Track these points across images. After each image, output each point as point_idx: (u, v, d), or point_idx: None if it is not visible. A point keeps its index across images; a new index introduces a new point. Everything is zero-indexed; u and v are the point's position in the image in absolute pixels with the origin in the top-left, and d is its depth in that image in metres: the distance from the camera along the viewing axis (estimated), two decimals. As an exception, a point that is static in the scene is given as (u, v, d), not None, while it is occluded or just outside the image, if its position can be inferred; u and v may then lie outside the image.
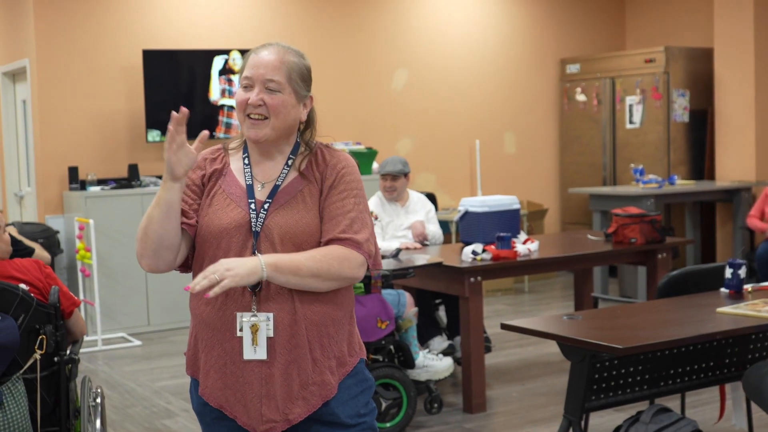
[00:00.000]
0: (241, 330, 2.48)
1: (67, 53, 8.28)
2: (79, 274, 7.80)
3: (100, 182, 8.22)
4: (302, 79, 2.56)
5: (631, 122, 9.75)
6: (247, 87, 2.54)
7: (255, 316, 2.47)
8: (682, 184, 8.95)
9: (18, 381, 3.71)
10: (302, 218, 2.50)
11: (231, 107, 8.58)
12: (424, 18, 9.85)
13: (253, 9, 9.00)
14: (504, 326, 3.87)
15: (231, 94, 8.62)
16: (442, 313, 6.65)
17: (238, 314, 2.48)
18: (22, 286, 3.77)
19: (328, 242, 2.48)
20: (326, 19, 9.32)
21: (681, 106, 9.50)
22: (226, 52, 8.60)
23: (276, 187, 2.54)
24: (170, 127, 2.50)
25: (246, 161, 2.61)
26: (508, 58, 10.38)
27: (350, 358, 2.57)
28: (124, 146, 8.49)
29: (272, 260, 2.40)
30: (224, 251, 2.52)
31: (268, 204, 2.51)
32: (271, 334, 2.47)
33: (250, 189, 2.55)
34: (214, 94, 8.54)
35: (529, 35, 10.49)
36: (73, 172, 8.12)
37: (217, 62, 8.54)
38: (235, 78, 8.63)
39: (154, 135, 8.32)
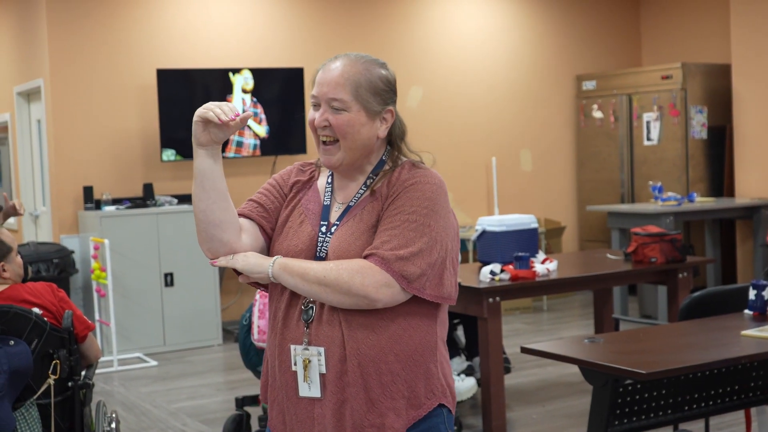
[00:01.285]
0: (295, 364, 2.31)
1: (82, 73, 8.28)
2: (95, 294, 7.76)
3: (115, 202, 8.19)
4: (373, 92, 2.32)
5: (648, 139, 9.67)
6: (315, 106, 2.36)
7: (307, 349, 2.29)
8: (701, 201, 8.86)
9: (32, 406, 3.67)
10: (356, 240, 2.29)
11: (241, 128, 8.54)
12: (439, 35, 9.81)
13: (267, 28, 8.98)
14: (524, 350, 3.80)
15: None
16: (460, 332, 6.58)
17: (292, 347, 2.31)
18: (36, 310, 3.73)
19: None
20: (339, 38, 9.29)
21: (699, 123, 9.41)
22: (239, 71, 8.57)
23: (348, 209, 2.36)
24: (231, 117, 2.31)
25: (329, 179, 2.44)
26: (524, 75, 10.33)
27: (426, 401, 2.28)
28: (139, 165, 8.47)
29: (284, 260, 2.28)
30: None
31: (335, 227, 2.34)
32: (323, 370, 2.27)
33: (326, 209, 2.39)
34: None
35: (545, 52, 10.44)
36: (87, 191, 8.10)
37: (239, 81, 8.52)
38: (246, 97, 8.60)
39: (168, 154, 8.29)
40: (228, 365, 7.64)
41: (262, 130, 8.69)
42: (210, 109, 2.31)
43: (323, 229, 2.35)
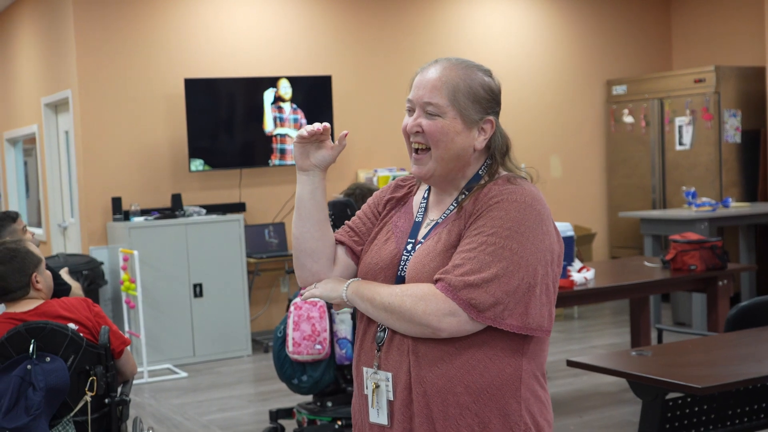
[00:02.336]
0: (366, 388, 2.19)
1: (109, 83, 8.24)
2: (124, 306, 7.72)
3: (144, 212, 8.15)
4: (473, 99, 2.17)
5: (680, 144, 9.54)
6: (410, 110, 2.21)
7: (376, 373, 2.16)
8: (736, 206, 8.72)
9: (69, 424, 3.61)
10: (431, 261, 2.12)
11: (282, 135, 8.51)
12: (468, 41, 9.73)
13: (294, 36, 8.93)
14: (570, 363, 3.70)
15: (282, 122, 8.54)
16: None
17: (364, 369, 2.20)
18: (71, 325, 3.67)
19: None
20: (366, 45, 9.22)
21: (732, 127, 9.28)
22: (269, 79, 8.52)
23: (435, 225, 2.20)
24: (316, 128, 2.20)
25: (425, 195, 2.28)
26: (553, 80, 10.23)
27: None
28: (167, 176, 8.42)
29: (357, 284, 2.17)
30: None
31: (419, 245, 2.18)
32: (391, 397, 2.14)
33: (416, 226, 2.24)
34: (268, 124, 8.48)
35: (574, 57, 10.34)
36: (116, 202, 8.06)
37: (269, 92, 8.47)
38: (285, 105, 8.56)
39: (196, 164, 8.25)
40: (258, 376, 7.57)
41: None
42: (303, 127, 2.22)
43: (408, 247, 2.20)
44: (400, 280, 2.17)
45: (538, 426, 2.13)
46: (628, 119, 10.06)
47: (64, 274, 4.72)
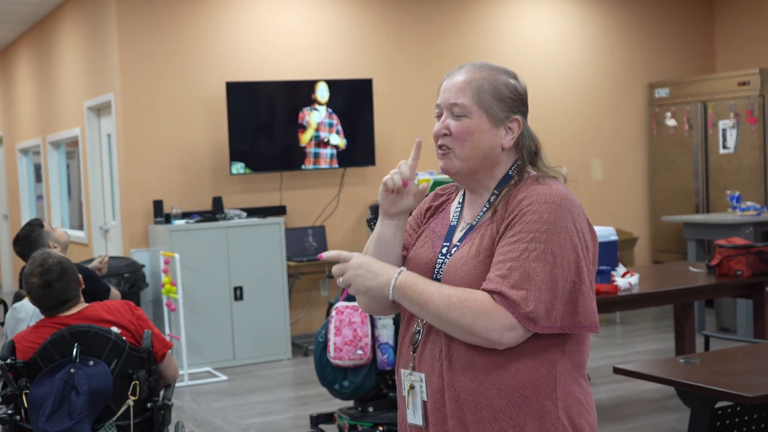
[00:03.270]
0: (404, 389, 2.22)
1: (151, 87, 8.28)
2: (165, 309, 7.74)
3: (185, 215, 8.17)
4: (498, 98, 2.20)
5: (724, 147, 9.42)
6: (438, 116, 2.25)
7: (411, 374, 2.20)
8: (781, 211, 8.59)
9: (111, 428, 3.61)
10: (466, 263, 2.13)
11: (317, 139, 8.51)
12: (509, 43, 9.67)
13: (335, 39, 8.92)
14: (617, 370, 3.65)
15: (317, 126, 8.53)
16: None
17: (402, 371, 2.24)
18: (114, 329, 3.67)
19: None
20: (408, 48, 9.20)
21: (778, 130, 9.15)
22: (309, 83, 8.52)
23: (471, 228, 2.22)
24: (397, 185, 2.23)
25: (461, 200, 2.31)
26: (595, 83, 10.14)
27: None
28: (208, 179, 8.44)
29: (406, 283, 2.11)
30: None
31: (455, 248, 2.20)
32: (425, 398, 2.17)
33: (451, 230, 2.26)
34: (304, 138, 8.47)
35: (616, 60, 10.24)
36: (157, 205, 8.09)
37: (315, 113, 8.50)
38: (321, 109, 8.55)
39: (237, 167, 8.26)
40: (298, 380, 7.56)
41: (341, 140, 8.62)
42: (389, 177, 2.24)
43: (444, 250, 2.23)
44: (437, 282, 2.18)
45: (576, 428, 2.11)
46: (671, 122, 9.95)
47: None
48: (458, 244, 2.21)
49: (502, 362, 2.08)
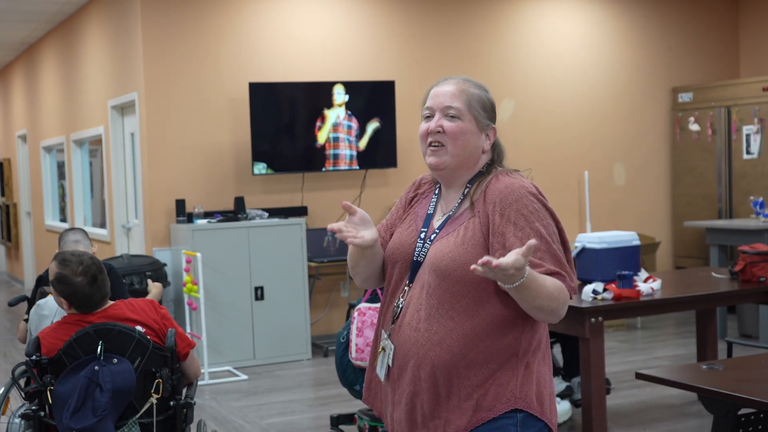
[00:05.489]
0: (380, 347, 2.59)
1: (175, 86, 8.32)
2: (186, 308, 7.77)
3: (207, 215, 8.21)
4: (483, 108, 2.54)
5: (748, 152, 9.38)
6: (428, 117, 2.54)
7: (386, 340, 2.55)
8: (805, 217, 8.53)
9: (134, 426, 3.63)
10: (452, 251, 2.43)
11: (336, 140, 8.52)
12: (531, 47, 9.66)
13: (357, 41, 8.94)
14: (639, 375, 3.64)
15: (336, 127, 8.55)
16: (556, 352, 6.41)
17: (382, 331, 2.60)
18: (138, 328, 3.68)
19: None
20: (430, 50, 9.20)
21: (802, 136, 9.09)
22: (332, 84, 8.54)
23: (448, 218, 2.53)
24: (341, 227, 2.48)
25: (436, 191, 2.63)
26: (618, 87, 10.11)
27: (497, 405, 2.40)
28: (231, 179, 8.47)
29: (531, 278, 2.30)
30: (390, 276, 2.60)
31: (434, 234, 2.51)
32: (390, 364, 2.53)
33: (428, 218, 2.57)
34: (321, 137, 8.48)
35: (639, 64, 10.21)
36: (180, 204, 8.13)
37: (333, 111, 8.50)
38: (340, 111, 8.56)
39: (260, 168, 8.29)
40: (318, 380, 7.58)
41: (360, 142, 8.64)
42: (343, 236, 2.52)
43: (422, 235, 2.54)
44: (416, 265, 2.52)
45: (534, 392, 2.43)
46: (694, 127, 9.91)
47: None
48: (437, 230, 2.52)
49: (473, 338, 2.40)
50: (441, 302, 2.43)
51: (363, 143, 8.65)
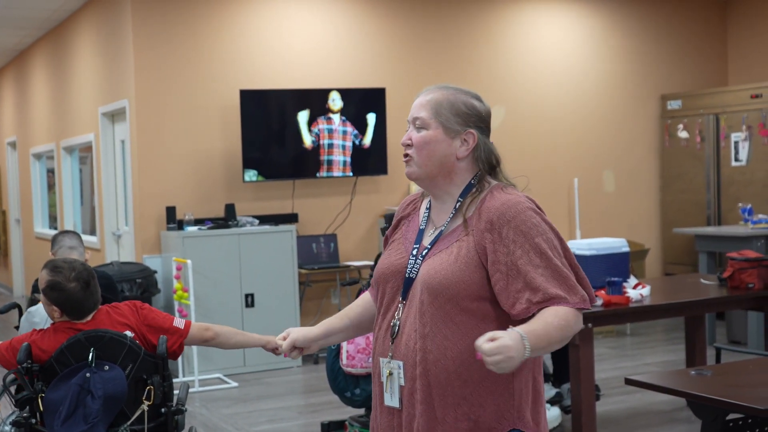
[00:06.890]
0: (383, 375, 2.51)
1: (166, 94, 8.33)
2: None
3: (197, 222, 8.21)
4: (455, 113, 2.47)
5: (737, 160, 9.42)
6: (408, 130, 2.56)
7: (390, 362, 2.48)
8: (793, 224, 8.57)
9: (125, 432, 3.62)
10: (445, 269, 2.39)
11: (330, 146, 8.54)
12: (521, 55, 9.70)
13: (349, 48, 8.96)
14: (629, 381, 3.67)
15: (331, 133, 8.57)
16: (546, 358, 6.43)
17: (381, 359, 2.52)
18: (128, 333, 3.69)
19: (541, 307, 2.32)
20: (421, 57, 9.23)
21: (790, 143, 9.15)
22: (322, 91, 8.56)
23: (440, 233, 2.48)
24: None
25: (428, 205, 2.59)
26: (607, 95, 10.15)
27: (496, 425, 2.37)
28: (221, 186, 8.48)
29: (532, 339, 2.21)
30: (382, 295, 2.55)
31: (426, 250, 2.47)
32: (403, 383, 2.45)
33: (420, 234, 2.54)
34: (306, 140, 8.49)
35: (628, 71, 10.26)
36: (170, 211, 8.13)
37: (303, 113, 8.49)
38: (334, 117, 8.58)
39: (250, 175, 8.30)
40: (307, 388, 7.58)
41: (360, 142, 8.66)
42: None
43: (414, 251, 2.50)
44: (408, 282, 2.47)
45: (523, 416, 2.39)
46: (683, 134, 9.96)
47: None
48: (429, 246, 2.48)
49: (468, 356, 2.34)
50: (434, 321, 2.38)
51: (367, 140, 8.68)
